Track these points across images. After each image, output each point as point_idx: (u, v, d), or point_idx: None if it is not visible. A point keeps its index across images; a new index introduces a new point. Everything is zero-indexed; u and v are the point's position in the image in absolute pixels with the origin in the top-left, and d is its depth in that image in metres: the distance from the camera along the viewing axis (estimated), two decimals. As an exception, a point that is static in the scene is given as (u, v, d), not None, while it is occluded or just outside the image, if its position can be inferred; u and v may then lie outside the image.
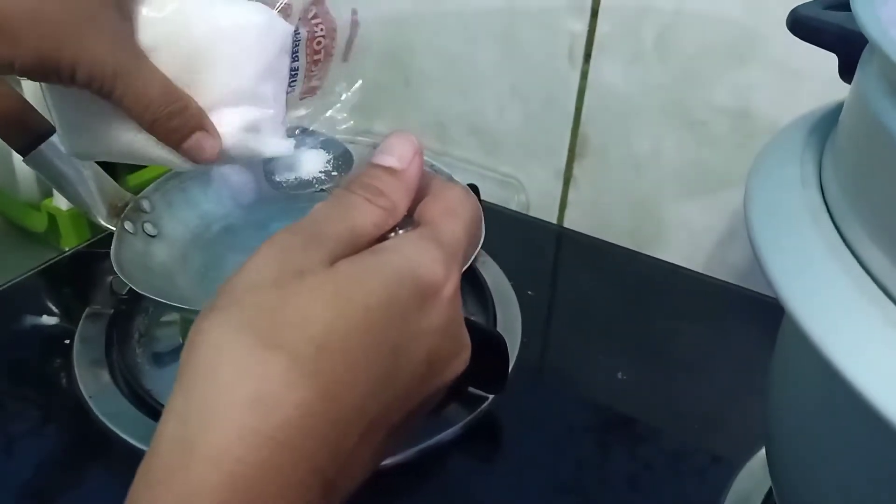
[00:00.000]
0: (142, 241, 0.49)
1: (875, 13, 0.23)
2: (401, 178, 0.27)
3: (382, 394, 0.23)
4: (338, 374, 0.22)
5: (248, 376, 0.21)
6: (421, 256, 0.25)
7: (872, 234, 0.21)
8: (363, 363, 0.23)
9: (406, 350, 0.24)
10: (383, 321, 0.23)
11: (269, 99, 0.35)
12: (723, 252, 0.63)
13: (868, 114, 0.22)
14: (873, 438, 0.22)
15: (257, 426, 0.21)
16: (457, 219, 0.27)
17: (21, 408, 0.48)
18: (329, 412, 0.22)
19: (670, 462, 0.46)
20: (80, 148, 0.36)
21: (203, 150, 0.33)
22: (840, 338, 0.19)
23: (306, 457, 0.21)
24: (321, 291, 0.23)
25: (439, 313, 0.25)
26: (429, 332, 0.24)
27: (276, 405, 0.21)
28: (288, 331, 0.22)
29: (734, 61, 0.57)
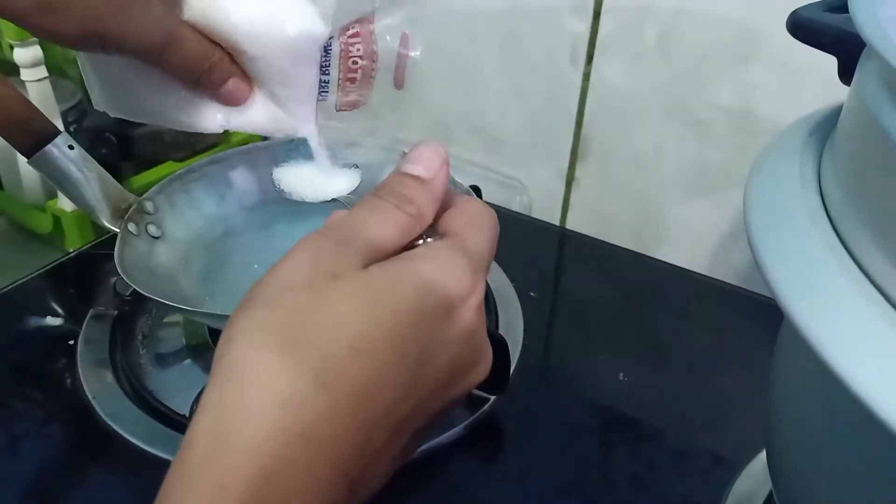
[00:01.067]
0: (145, 242, 0.50)
1: (874, 15, 0.23)
2: (428, 187, 0.28)
3: (408, 399, 0.24)
4: (368, 377, 0.23)
5: (281, 375, 0.22)
6: (451, 266, 0.26)
7: (871, 236, 0.21)
8: (392, 367, 0.23)
9: (432, 357, 0.25)
10: (413, 327, 0.24)
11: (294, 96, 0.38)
12: (725, 253, 0.63)
13: (867, 116, 0.22)
14: (871, 440, 0.22)
15: (289, 424, 0.21)
16: (481, 230, 0.28)
17: (25, 408, 0.48)
18: (358, 414, 0.22)
19: (672, 463, 0.46)
20: (113, 110, 0.39)
21: (238, 92, 0.37)
22: (838, 340, 0.19)
23: (334, 456, 0.22)
24: (354, 295, 0.24)
25: (465, 323, 0.25)
26: (454, 340, 0.25)
27: (308, 404, 0.22)
28: (321, 332, 0.23)
29: (736, 61, 0.57)
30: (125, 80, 0.37)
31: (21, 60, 0.56)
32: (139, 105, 0.38)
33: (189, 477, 0.21)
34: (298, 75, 0.37)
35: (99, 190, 0.48)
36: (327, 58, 0.37)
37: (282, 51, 0.36)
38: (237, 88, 0.37)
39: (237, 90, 0.37)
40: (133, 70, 0.36)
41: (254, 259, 0.54)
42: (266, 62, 0.37)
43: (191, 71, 0.36)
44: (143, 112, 0.39)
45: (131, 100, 0.38)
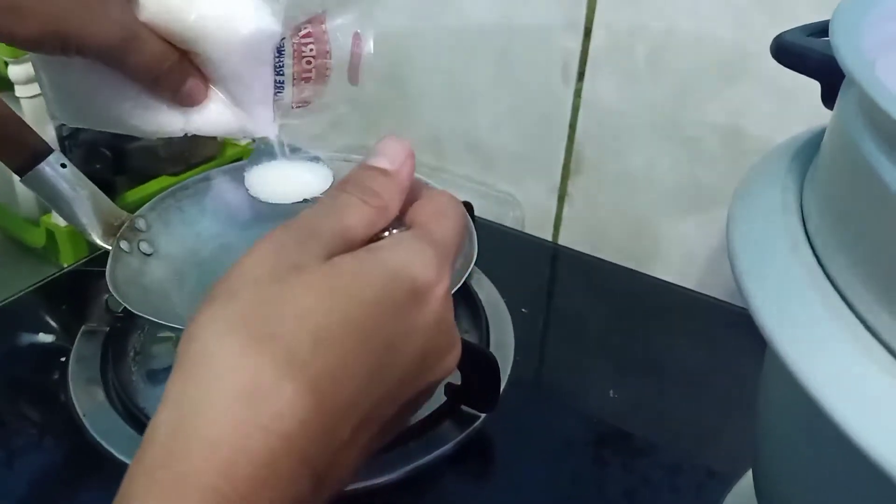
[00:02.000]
0: (138, 259, 0.50)
1: (854, 44, 0.23)
2: (393, 179, 0.28)
3: (375, 389, 0.24)
4: (331, 366, 0.22)
5: (243, 368, 0.22)
6: (415, 256, 0.26)
7: (851, 263, 0.22)
8: (357, 357, 0.23)
9: (399, 346, 0.24)
10: (377, 316, 0.24)
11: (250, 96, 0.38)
12: (716, 269, 0.63)
13: (847, 142, 0.23)
14: (851, 467, 0.22)
15: (252, 417, 0.21)
16: (447, 220, 0.28)
17: (16, 425, 0.48)
18: (322, 405, 0.22)
19: (665, 478, 0.46)
20: (72, 120, 0.39)
21: (196, 93, 0.37)
22: (818, 367, 0.20)
23: (297, 448, 0.22)
24: (318, 285, 0.23)
25: (432, 311, 0.25)
26: (421, 329, 0.25)
27: (270, 397, 0.21)
28: (284, 324, 0.22)
29: (725, 79, 0.57)
30: (82, 86, 0.37)
31: (16, 77, 0.56)
32: (97, 111, 0.38)
33: (151, 471, 0.21)
34: (253, 75, 0.37)
35: (91, 208, 0.48)
36: (280, 58, 0.37)
37: (236, 50, 0.36)
38: (195, 88, 0.37)
39: (195, 90, 0.37)
40: (90, 74, 0.36)
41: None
42: (221, 62, 0.37)
43: (150, 70, 0.35)
44: (101, 118, 0.38)
45: (89, 106, 0.38)
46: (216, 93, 0.38)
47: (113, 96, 0.37)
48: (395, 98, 0.75)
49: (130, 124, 0.38)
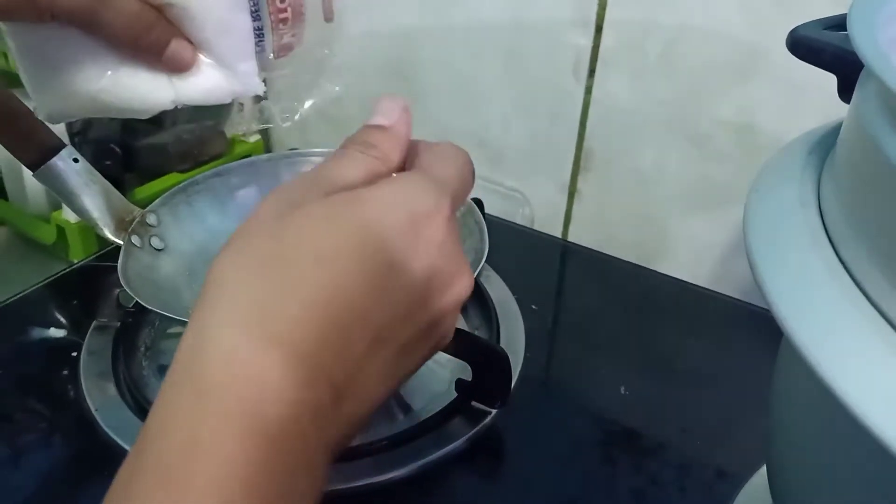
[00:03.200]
0: (148, 254, 0.50)
1: (872, 36, 0.23)
2: (390, 132, 0.30)
3: (382, 306, 0.25)
4: (334, 281, 0.24)
5: (252, 285, 0.24)
6: (412, 186, 0.27)
7: (870, 256, 0.21)
8: (358, 274, 0.25)
9: (402, 265, 0.26)
10: (376, 237, 0.25)
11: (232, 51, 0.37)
12: (727, 267, 0.63)
13: (865, 135, 0.22)
14: (870, 460, 0.22)
15: (261, 331, 0.23)
16: (446, 160, 0.30)
17: (28, 419, 0.48)
18: (329, 316, 0.24)
19: (675, 477, 0.46)
20: (54, 105, 0.37)
21: (182, 57, 0.36)
22: (837, 360, 0.20)
23: (308, 355, 0.23)
24: (316, 214, 0.25)
25: (433, 234, 0.27)
26: (422, 251, 0.26)
27: (277, 307, 0.23)
28: (286, 249, 0.24)
29: (738, 76, 0.57)
30: (62, 63, 0.35)
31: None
32: (80, 91, 0.36)
33: (172, 387, 0.23)
34: (231, 23, 0.37)
35: (103, 202, 0.48)
36: (255, 1, 0.37)
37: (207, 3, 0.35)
38: (182, 49, 0.36)
39: (182, 51, 0.36)
40: (69, 47, 0.34)
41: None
42: (196, 12, 0.35)
43: (128, 30, 0.34)
44: (85, 99, 0.36)
45: (71, 86, 0.36)
46: (201, 57, 0.37)
47: (95, 69, 0.35)
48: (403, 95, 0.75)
49: (116, 100, 0.36)
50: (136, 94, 0.36)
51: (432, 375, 0.51)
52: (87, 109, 0.37)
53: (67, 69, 0.35)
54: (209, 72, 0.37)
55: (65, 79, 0.35)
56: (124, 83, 0.36)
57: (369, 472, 0.44)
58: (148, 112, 0.37)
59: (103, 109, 0.37)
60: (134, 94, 0.36)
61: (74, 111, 0.37)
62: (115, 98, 0.36)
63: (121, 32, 0.34)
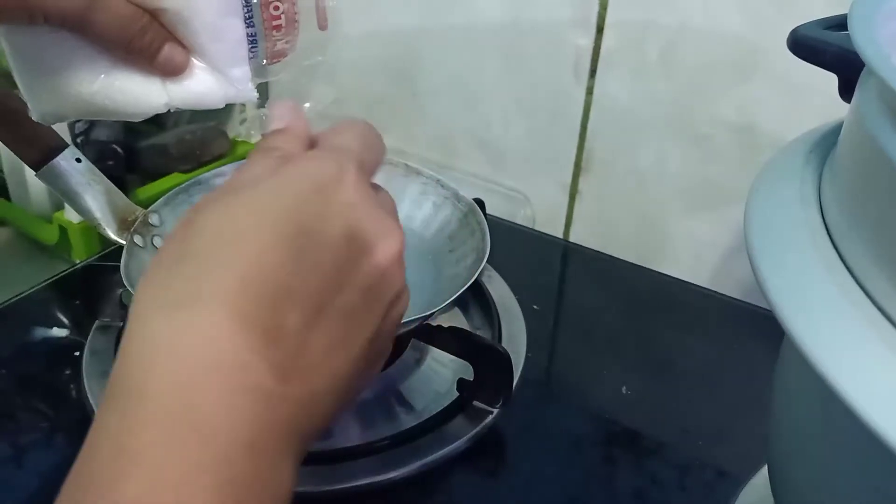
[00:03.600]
0: (151, 254, 0.50)
1: (872, 35, 0.23)
2: (288, 132, 0.30)
3: (306, 274, 0.24)
4: (245, 258, 0.23)
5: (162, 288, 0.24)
6: (308, 161, 0.28)
7: (870, 255, 0.22)
8: (271, 245, 0.24)
9: (316, 231, 0.25)
10: (282, 208, 0.25)
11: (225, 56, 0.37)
12: (728, 267, 0.63)
13: (866, 134, 0.23)
14: (871, 458, 0.22)
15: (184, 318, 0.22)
16: (342, 133, 0.30)
17: (30, 419, 0.49)
18: (248, 291, 0.23)
19: (676, 477, 0.46)
20: (47, 107, 0.37)
21: (175, 61, 0.36)
22: (837, 358, 0.20)
23: (237, 332, 0.22)
24: (213, 208, 0.25)
25: (342, 195, 0.26)
26: (336, 211, 0.26)
27: (194, 299, 0.23)
28: (192, 242, 0.24)
29: (738, 76, 0.57)
30: (55, 64, 0.35)
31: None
32: (73, 92, 0.36)
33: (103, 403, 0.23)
34: (224, 29, 0.37)
35: (105, 203, 0.48)
36: (249, 7, 0.37)
37: (204, 2, 0.35)
38: (175, 53, 0.36)
39: (175, 55, 0.36)
40: (62, 49, 0.34)
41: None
42: (190, 17, 0.35)
43: (121, 32, 0.34)
44: (78, 100, 0.36)
45: (64, 87, 0.36)
46: (194, 62, 0.37)
47: (88, 72, 0.35)
48: (404, 96, 0.75)
49: (110, 103, 0.36)
50: (129, 97, 0.36)
51: (434, 375, 0.51)
52: (80, 111, 0.37)
53: (60, 72, 0.35)
54: (202, 76, 0.37)
55: (58, 81, 0.35)
56: (117, 86, 0.36)
57: (371, 472, 0.44)
58: (141, 115, 0.37)
59: (96, 112, 0.37)
60: (127, 98, 0.36)
61: (67, 112, 0.37)
62: (107, 101, 0.36)
63: (112, 35, 0.34)
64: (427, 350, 0.52)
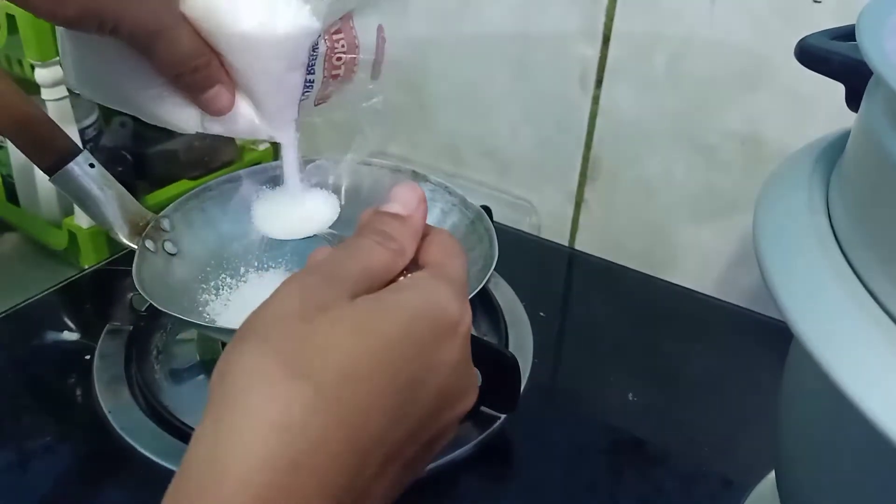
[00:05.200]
0: (162, 259, 0.50)
1: (881, 45, 0.23)
2: (407, 223, 0.29)
3: (399, 426, 0.24)
4: (359, 403, 0.23)
5: (275, 402, 0.22)
6: (437, 293, 0.26)
7: (878, 261, 0.22)
8: (383, 392, 0.24)
9: (422, 383, 0.25)
10: (402, 353, 0.24)
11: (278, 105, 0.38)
12: (734, 276, 0.64)
13: (873, 143, 0.23)
14: (881, 462, 0.22)
15: (283, 451, 0.21)
16: (457, 258, 0.29)
17: (41, 422, 0.49)
18: (350, 440, 0.23)
19: (681, 485, 0.46)
20: (89, 88, 0.38)
21: (220, 101, 0.37)
22: (848, 362, 0.20)
23: (326, 484, 0.22)
24: (344, 324, 0.24)
25: (454, 348, 0.26)
26: (443, 366, 0.26)
27: (300, 431, 0.22)
28: (313, 360, 0.23)
29: (744, 87, 0.57)
30: (108, 63, 0.36)
31: (42, 80, 0.57)
32: (116, 90, 0.37)
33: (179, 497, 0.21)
34: (286, 79, 0.37)
35: (118, 207, 0.49)
36: (314, 56, 0.37)
37: (274, 51, 0.36)
38: (221, 97, 0.37)
39: (221, 99, 0.37)
40: (119, 54, 0.35)
41: (268, 276, 0.55)
42: (254, 71, 0.36)
43: (176, 66, 0.35)
44: (119, 98, 0.37)
45: (109, 83, 0.37)
46: (238, 96, 0.37)
47: (136, 80, 0.36)
48: (412, 105, 0.75)
49: (146, 111, 0.37)
50: (166, 113, 0.37)
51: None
52: (115, 104, 0.38)
53: (112, 75, 0.36)
54: (244, 117, 0.38)
55: (105, 81, 0.37)
56: (159, 103, 0.37)
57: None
58: (170, 127, 0.38)
59: (130, 110, 0.38)
60: (165, 113, 0.37)
61: (98, 100, 0.38)
62: (146, 112, 0.37)
63: (168, 65, 0.35)
64: (434, 356, 0.53)
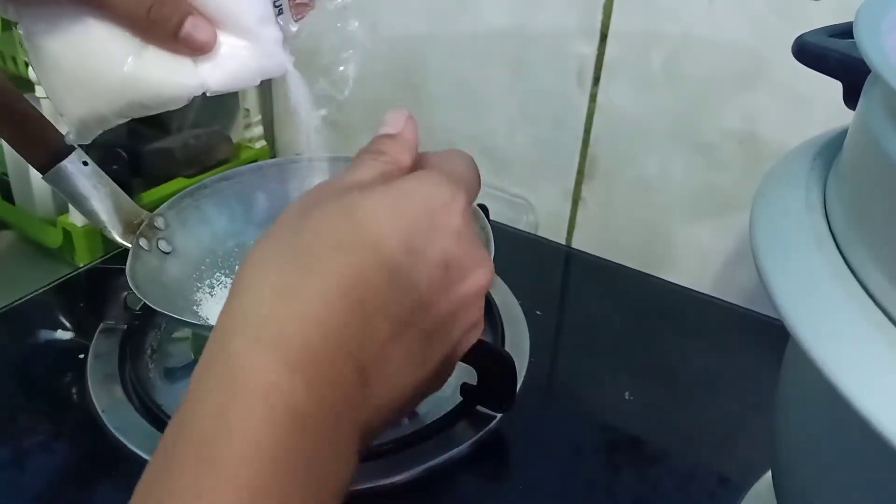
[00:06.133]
0: (156, 257, 0.50)
1: (878, 42, 0.23)
2: (397, 138, 0.32)
3: (402, 292, 0.26)
4: (352, 267, 0.25)
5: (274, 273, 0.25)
6: (426, 180, 0.29)
7: (875, 259, 0.22)
8: (378, 259, 0.26)
9: (419, 254, 0.27)
10: (394, 225, 0.27)
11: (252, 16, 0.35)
12: (731, 274, 0.63)
13: (871, 140, 0.23)
14: (878, 462, 0.22)
15: (284, 307, 0.24)
16: (455, 159, 0.32)
17: (35, 421, 0.49)
18: (349, 297, 0.25)
19: (678, 484, 0.46)
20: (81, 108, 0.35)
21: (200, 32, 0.34)
22: (844, 361, 0.20)
23: (332, 334, 0.24)
24: (331, 208, 0.27)
25: (449, 223, 0.28)
26: (440, 238, 0.28)
27: (299, 290, 0.25)
28: (307, 239, 0.26)
29: (742, 85, 0.57)
30: (84, 58, 0.34)
31: (36, 78, 0.57)
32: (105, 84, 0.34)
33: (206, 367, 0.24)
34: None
35: (111, 205, 0.49)
36: None
37: None
38: (198, 28, 0.34)
39: (199, 30, 0.34)
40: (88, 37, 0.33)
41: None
42: None
43: (136, 6, 0.32)
44: (114, 94, 0.35)
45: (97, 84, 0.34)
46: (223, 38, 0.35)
47: (116, 55, 0.33)
48: (409, 102, 0.75)
49: (143, 86, 0.34)
50: (161, 80, 0.34)
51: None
52: (114, 106, 0.35)
53: (87, 59, 0.34)
54: (233, 51, 0.35)
55: (85, 71, 0.34)
56: (148, 67, 0.34)
57: (374, 476, 0.44)
58: (177, 100, 0.35)
59: (131, 103, 0.35)
60: (161, 80, 0.34)
61: (102, 109, 0.35)
62: (140, 85, 0.34)
63: (129, 8, 0.33)
64: (430, 355, 0.53)
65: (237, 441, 0.22)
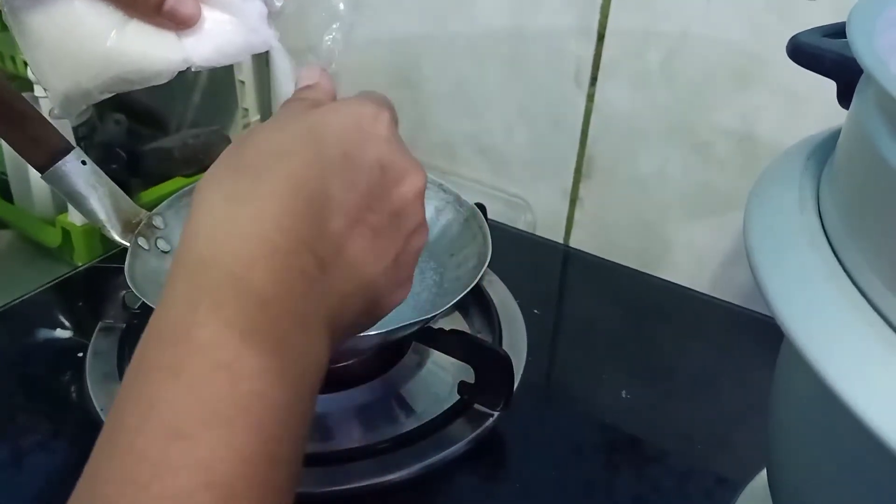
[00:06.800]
0: (155, 257, 0.50)
1: (870, 42, 0.23)
2: (315, 87, 0.34)
3: (346, 189, 0.28)
4: (296, 168, 0.27)
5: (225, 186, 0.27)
6: (350, 101, 0.31)
7: (868, 258, 0.22)
8: (317, 162, 0.28)
9: (355, 156, 0.29)
10: (327, 133, 0.29)
11: None
12: (728, 273, 0.64)
13: (864, 140, 0.23)
14: (871, 460, 0.22)
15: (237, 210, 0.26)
16: (370, 92, 0.33)
17: (34, 420, 0.49)
18: (298, 194, 0.26)
19: (675, 482, 0.46)
20: (65, 81, 0.35)
21: (183, 9, 0.34)
22: (837, 360, 0.20)
23: (287, 226, 0.26)
24: (267, 128, 0.29)
25: (378, 130, 0.30)
26: (372, 143, 0.30)
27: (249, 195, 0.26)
28: (251, 154, 0.28)
29: (738, 85, 0.57)
30: (67, 33, 0.34)
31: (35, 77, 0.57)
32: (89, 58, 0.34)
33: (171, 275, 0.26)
34: None
35: (110, 205, 0.49)
36: None
37: None
38: (183, 0, 0.34)
39: (183, 2, 0.34)
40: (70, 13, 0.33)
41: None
42: None
43: None
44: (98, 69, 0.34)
45: (80, 58, 0.34)
46: (207, 12, 0.35)
47: (99, 29, 0.33)
48: (406, 102, 0.75)
49: (127, 60, 0.34)
50: (145, 54, 0.34)
51: (435, 378, 0.52)
52: (99, 80, 0.35)
53: (70, 33, 0.34)
54: (218, 25, 0.35)
55: (69, 45, 0.34)
56: (131, 41, 0.34)
57: (371, 474, 0.44)
58: (161, 75, 0.35)
59: (115, 77, 0.35)
60: (144, 54, 0.34)
61: (86, 82, 0.35)
62: (124, 58, 0.34)
63: None
64: (428, 353, 0.53)
65: (207, 326, 0.23)
